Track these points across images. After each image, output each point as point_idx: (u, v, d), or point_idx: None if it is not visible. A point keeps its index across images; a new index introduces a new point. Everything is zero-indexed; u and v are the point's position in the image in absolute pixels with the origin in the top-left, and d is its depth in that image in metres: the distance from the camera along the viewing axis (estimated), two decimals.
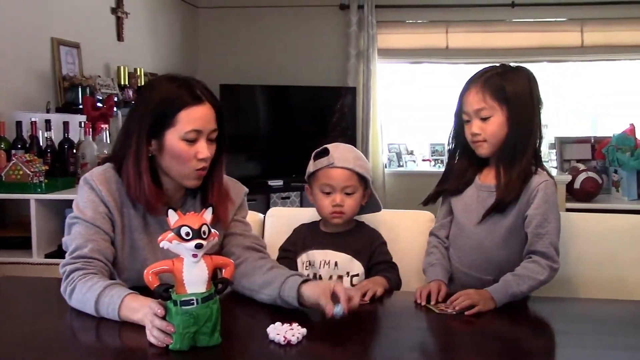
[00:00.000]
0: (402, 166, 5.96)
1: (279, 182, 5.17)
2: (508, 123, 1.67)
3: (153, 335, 1.22)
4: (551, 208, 1.66)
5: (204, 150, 1.53)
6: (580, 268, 1.92)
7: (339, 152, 1.81)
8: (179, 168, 1.54)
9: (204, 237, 1.19)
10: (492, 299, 1.53)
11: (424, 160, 5.98)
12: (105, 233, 1.53)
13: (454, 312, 1.49)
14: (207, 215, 1.24)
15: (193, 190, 1.64)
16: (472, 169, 1.77)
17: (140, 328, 1.28)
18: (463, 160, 1.79)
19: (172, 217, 1.21)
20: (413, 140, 6.04)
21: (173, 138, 1.51)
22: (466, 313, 1.49)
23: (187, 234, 1.18)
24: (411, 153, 6.02)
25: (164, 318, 1.22)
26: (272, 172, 5.24)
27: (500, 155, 1.70)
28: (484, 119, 1.67)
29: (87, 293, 1.39)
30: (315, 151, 1.85)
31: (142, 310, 1.29)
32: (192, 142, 1.51)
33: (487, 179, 1.75)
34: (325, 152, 1.82)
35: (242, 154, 5.21)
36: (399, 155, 5.99)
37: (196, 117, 1.51)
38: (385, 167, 5.85)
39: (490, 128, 1.67)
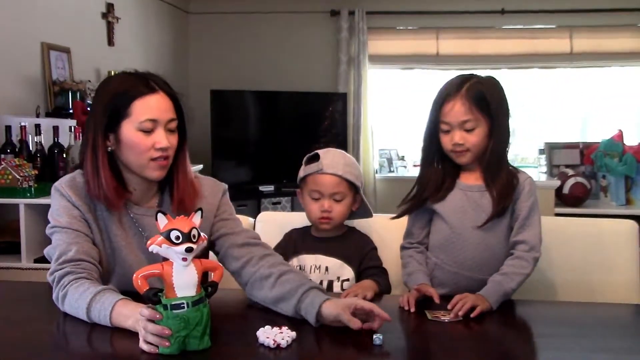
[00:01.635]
0: (393, 172, 5.97)
1: (270, 188, 5.17)
2: (491, 133, 1.71)
3: (147, 342, 1.21)
4: (535, 201, 1.72)
5: (162, 139, 1.51)
6: (568, 272, 1.94)
7: (329, 158, 1.81)
8: (137, 159, 1.51)
9: (194, 240, 1.19)
10: (486, 301, 1.54)
11: (414, 165, 5.98)
12: (86, 235, 1.52)
13: (447, 321, 1.47)
14: (197, 219, 1.24)
15: (163, 188, 1.62)
16: (451, 175, 1.78)
17: (131, 333, 1.27)
18: (439, 168, 1.79)
19: (162, 220, 1.21)
20: (404, 146, 6.05)
21: (129, 129, 1.49)
22: (471, 315, 1.48)
23: (177, 237, 1.18)
24: (402, 159, 6.03)
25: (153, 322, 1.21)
26: (263, 178, 5.24)
27: (486, 165, 1.73)
28: (469, 130, 1.70)
29: (78, 299, 1.38)
30: (306, 156, 1.86)
31: (133, 317, 1.28)
32: (148, 132, 1.50)
33: (470, 179, 1.76)
34: (316, 158, 1.82)
35: (233, 160, 5.22)
36: (389, 161, 6.00)
37: (151, 106, 1.50)
38: (376, 172, 5.86)
39: (473, 139, 1.70)
